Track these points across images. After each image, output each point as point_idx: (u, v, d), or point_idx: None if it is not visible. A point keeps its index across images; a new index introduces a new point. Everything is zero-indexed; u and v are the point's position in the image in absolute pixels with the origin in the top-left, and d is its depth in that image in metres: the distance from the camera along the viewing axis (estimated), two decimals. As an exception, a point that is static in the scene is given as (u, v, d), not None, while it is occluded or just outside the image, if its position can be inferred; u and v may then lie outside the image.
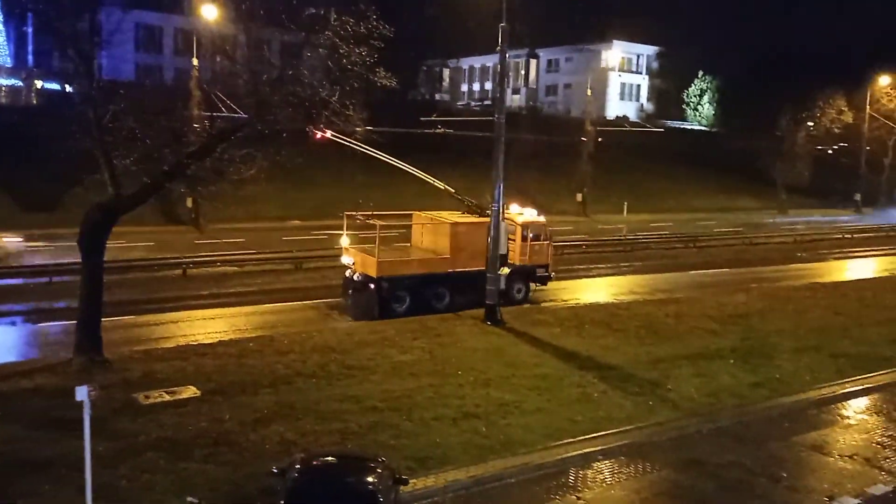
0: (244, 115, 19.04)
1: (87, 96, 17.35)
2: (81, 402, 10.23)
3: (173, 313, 23.60)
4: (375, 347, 19.13)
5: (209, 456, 12.94)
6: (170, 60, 68.40)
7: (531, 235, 26.43)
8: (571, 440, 14.56)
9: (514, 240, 26.22)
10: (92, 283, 17.38)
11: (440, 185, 26.15)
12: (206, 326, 22.29)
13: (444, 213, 26.33)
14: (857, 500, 13.08)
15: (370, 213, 25.53)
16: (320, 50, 18.96)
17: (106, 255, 17.86)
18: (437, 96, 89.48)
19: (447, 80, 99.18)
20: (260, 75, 18.23)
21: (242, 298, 25.76)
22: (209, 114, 21.61)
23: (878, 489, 13.53)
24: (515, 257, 26.18)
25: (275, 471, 9.88)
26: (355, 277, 24.25)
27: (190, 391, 15.74)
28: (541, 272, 26.85)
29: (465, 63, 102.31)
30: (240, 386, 16.19)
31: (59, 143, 17.99)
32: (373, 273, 23.45)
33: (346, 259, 24.99)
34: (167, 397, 15.37)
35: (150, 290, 26.07)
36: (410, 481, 11.30)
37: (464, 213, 26.46)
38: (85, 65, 17.05)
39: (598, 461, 14.10)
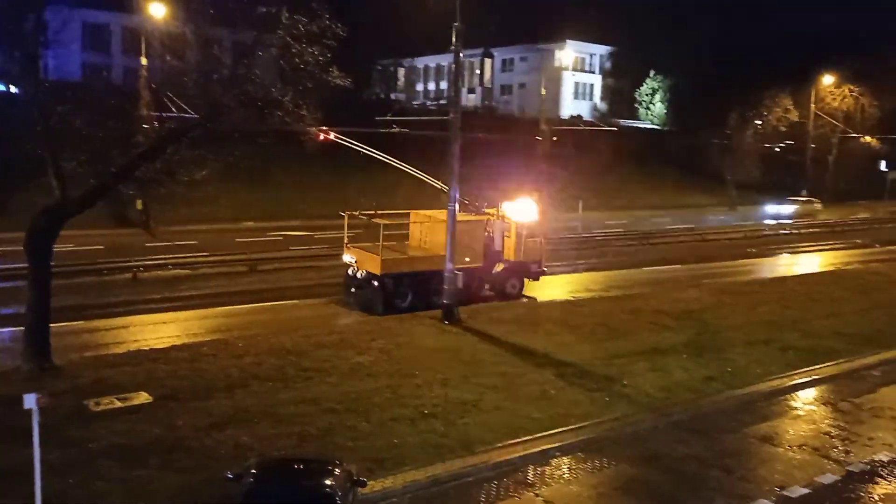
0: (195, 116, 18.72)
1: (32, 97, 16.89)
2: (30, 410, 9.97)
3: (124, 318, 23.11)
4: (332, 349, 18.98)
5: (163, 462, 12.72)
6: (118, 60, 67.09)
7: (524, 233, 27.06)
8: (530, 437, 14.63)
9: (509, 237, 26.89)
10: (39, 289, 16.93)
11: (437, 184, 26.28)
12: (157, 331, 21.88)
13: (439, 212, 26.44)
14: (807, 490, 13.40)
15: (372, 212, 25.85)
16: (272, 49, 18.74)
17: (53, 259, 17.41)
18: (393, 95, 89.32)
19: (402, 79, 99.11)
20: (211, 75, 17.95)
21: (195, 302, 25.37)
22: (159, 114, 21.21)
23: (827, 478, 13.88)
24: (510, 254, 26.87)
25: (230, 476, 9.74)
26: (358, 275, 24.81)
27: (142, 397, 15.43)
28: (534, 268, 27.51)
29: (420, 62, 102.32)
30: (193, 391, 15.93)
31: (5, 146, 17.51)
32: (377, 270, 24.05)
33: (346, 258, 25.55)
34: (119, 404, 15.05)
35: (99, 295, 25.51)
36: (368, 483, 11.27)
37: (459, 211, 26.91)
38: (30, 65, 16.60)
39: (557, 458, 14.20)
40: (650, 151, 73.68)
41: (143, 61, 38.68)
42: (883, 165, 75.08)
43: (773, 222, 55.04)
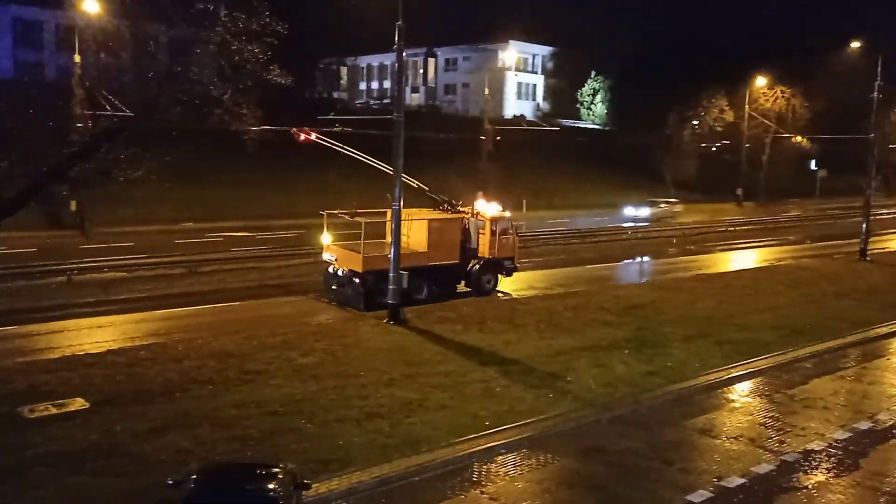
0: (130, 114, 18.28)
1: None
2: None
3: (58, 322, 22.43)
4: (276, 351, 18.75)
5: (101, 469, 12.39)
6: (51, 57, 64.94)
7: (499, 230, 27.75)
8: (475, 435, 14.69)
9: (483, 234, 27.58)
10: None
11: (414, 183, 26.69)
12: (93, 335, 21.28)
13: (416, 211, 27.39)
14: (743, 480, 13.78)
15: (353, 211, 26.25)
16: (210, 46, 18.42)
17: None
18: (336, 94, 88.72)
19: (345, 78, 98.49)
20: (146, 72, 17.56)
21: (133, 305, 24.75)
22: (93, 112, 20.62)
23: (763, 468, 14.30)
24: (485, 250, 27.54)
25: (171, 482, 9.55)
26: (339, 273, 25.20)
27: (78, 403, 15.01)
28: (508, 264, 28.30)
29: (363, 61, 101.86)
30: (132, 396, 15.55)
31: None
32: (358, 268, 24.56)
33: (326, 256, 26.02)
34: (54, 410, 14.62)
35: (32, 299, 24.69)
36: (313, 485, 11.18)
37: (436, 210, 27.92)
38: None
39: (502, 455, 14.30)
40: (592, 151, 74.82)
41: (77, 58, 37.50)
42: (813, 164, 77.69)
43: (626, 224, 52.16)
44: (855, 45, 58.26)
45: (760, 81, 70.71)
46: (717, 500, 13.05)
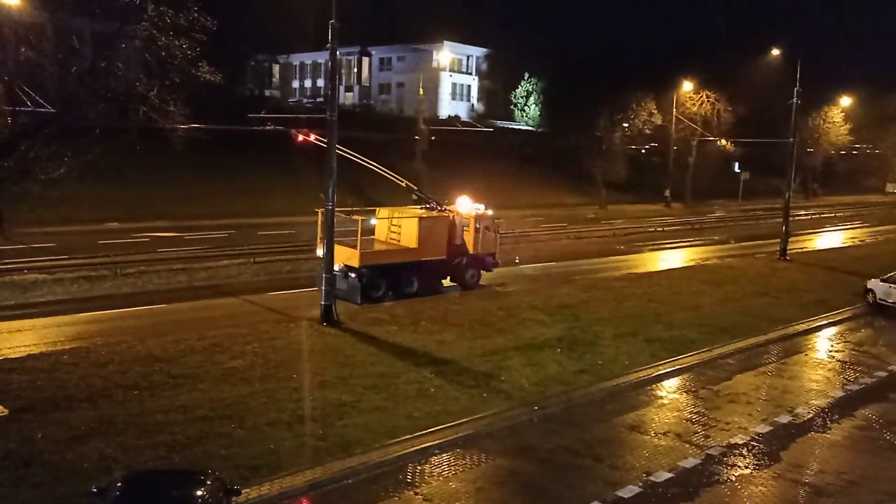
0: (51, 110, 17.63)
1: None
2: None
3: (-26, 327, 21.43)
4: (204, 354, 18.32)
5: (20, 478, 11.94)
6: (-34, 49, 61.94)
7: (482, 227, 28.87)
8: (409, 436, 14.70)
9: (468, 231, 28.62)
10: None
11: (403, 182, 28.25)
12: (11, 340, 20.38)
13: (405, 209, 28.71)
14: (671, 474, 14.15)
15: (350, 209, 26.94)
16: (136, 41, 17.93)
17: None
18: (267, 92, 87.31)
19: (277, 75, 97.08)
20: (68, 67, 16.97)
21: (54, 308, 23.75)
22: (12, 108, 19.76)
23: (689, 462, 14.71)
24: (469, 247, 28.55)
25: (94, 490, 9.33)
26: (336, 268, 25.18)
27: (-5, 410, 14.39)
28: (490, 260, 29.45)
29: (296, 59, 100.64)
30: (53, 402, 14.99)
31: None
32: (355, 263, 25.32)
33: (320, 252, 25.64)
34: (-32, 419, 13.97)
35: (-55, 303, 23.53)
36: (243, 491, 10.99)
37: (422, 208, 28.82)
38: None
39: (436, 455, 14.34)
40: (525, 152, 75.57)
41: (-7, 51, 35.94)
42: (736, 167, 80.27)
43: None
44: (775, 52, 60.46)
45: (687, 86, 72.62)
46: (645, 494, 13.38)
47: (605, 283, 31.01)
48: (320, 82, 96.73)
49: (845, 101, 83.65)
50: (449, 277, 28.69)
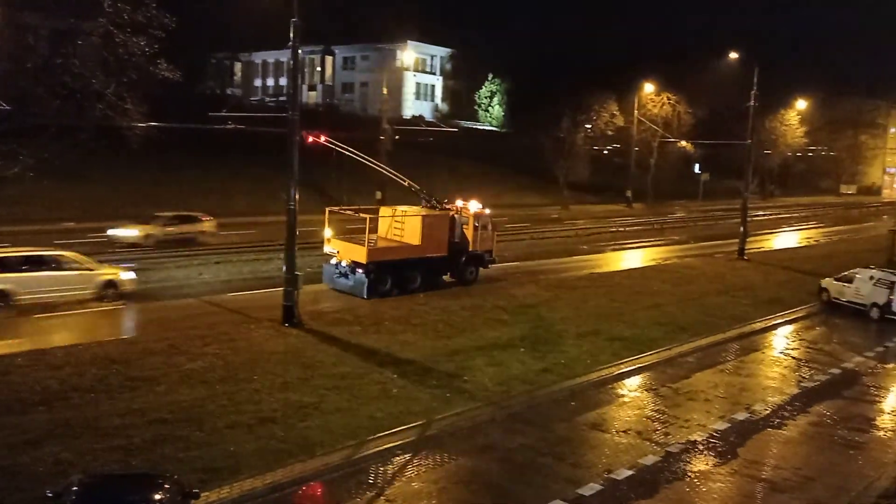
0: (6, 108, 17.23)
1: None
2: None
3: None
4: (162, 356, 18.02)
5: (-31, 487, 11.60)
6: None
7: (480, 225, 29.94)
8: (371, 437, 14.64)
9: (466, 229, 29.65)
10: None
11: (405, 182, 29.36)
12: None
13: (407, 208, 29.54)
14: (631, 471, 14.30)
15: (357, 207, 28.54)
16: (93, 38, 17.62)
17: None
18: (229, 91, 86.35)
19: (238, 74, 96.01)
20: (23, 63, 16.59)
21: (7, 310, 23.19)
22: (-37, 105, 19.33)
23: (649, 459, 14.89)
24: (467, 244, 29.63)
25: (49, 495, 9.15)
26: (343, 264, 26.81)
27: (-56, 416, 13.99)
28: (487, 257, 30.57)
29: (258, 57, 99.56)
30: (6, 405, 14.62)
31: None
32: (363, 260, 26.13)
33: (328, 249, 27.63)
34: (-85, 425, 13.56)
35: None
36: (202, 494, 10.83)
37: (424, 207, 29.72)
38: None
39: (398, 456, 14.30)
40: (489, 152, 75.81)
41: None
42: (696, 168, 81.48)
43: None
44: (733, 55, 61.46)
45: (648, 88, 73.56)
46: (606, 492, 13.50)
47: (569, 282, 31.24)
48: (283, 81, 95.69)
49: (801, 104, 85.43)
50: (449, 273, 29.71)
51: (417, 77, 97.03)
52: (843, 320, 28.40)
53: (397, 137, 56.66)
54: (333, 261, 27.36)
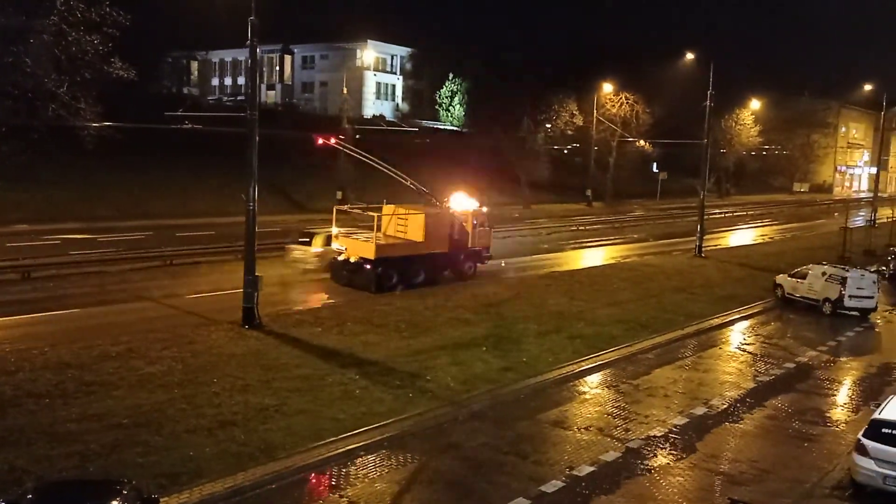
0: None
1: None
2: None
3: None
4: (119, 360, 17.70)
5: (-82, 498, 11.26)
6: None
7: (478, 223, 31.41)
8: (334, 439, 14.56)
9: (465, 226, 30.93)
10: None
11: (408, 182, 30.69)
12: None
13: (410, 206, 30.83)
14: (593, 468, 14.45)
15: (364, 206, 29.97)
16: (45, 36, 17.23)
17: None
18: (185, 90, 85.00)
19: (195, 73, 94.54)
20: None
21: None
22: None
23: (610, 455, 15.05)
24: (467, 241, 31.03)
25: (3, 502, 8.95)
26: (351, 260, 28.01)
27: None
28: (484, 253, 32.15)
29: (216, 56, 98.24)
30: (-43, 413, 14.25)
31: None
32: (371, 256, 27.42)
33: (336, 246, 28.81)
34: None
35: None
36: (161, 500, 10.69)
37: (424, 205, 31.00)
38: None
39: (361, 457, 14.25)
40: (451, 152, 75.82)
41: None
42: (655, 167, 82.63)
43: None
44: (689, 56, 62.41)
45: (607, 88, 74.31)
46: (568, 488, 13.61)
47: (530, 281, 31.45)
48: (241, 80, 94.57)
49: (755, 104, 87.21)
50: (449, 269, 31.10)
51: (378, 76, 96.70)
52: (797, 315, 29.05)
53: (358, 137, 56.33)
54: (341, 257, 28.51)
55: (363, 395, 16.87)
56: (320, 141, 28.88)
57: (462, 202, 31.45)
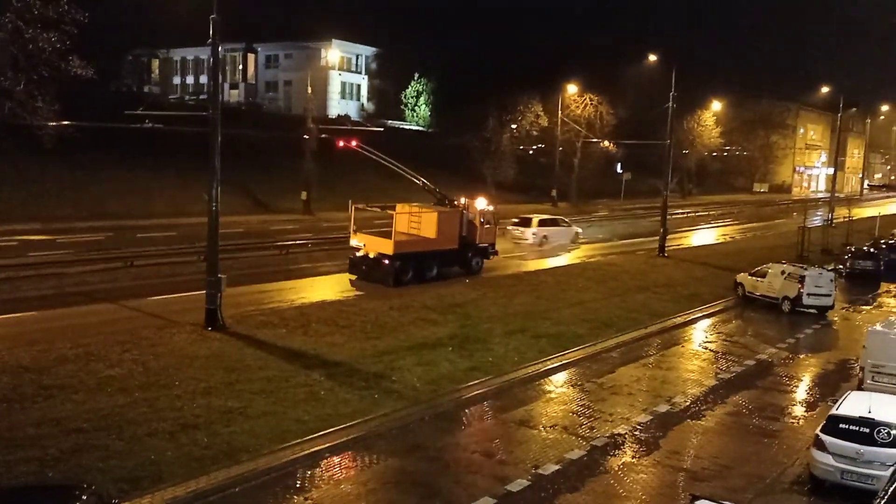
0: None
1: None
2: None
3: None
4: (78, 363, 17.35)
5: None
6: None
7: (484, 221, 33.02)
8: (298, 441, 14.47)
9: (473, 224, 32.66)
10: None
11: (419, 181, 33.07)
12: None
13: (423, 205, 32.90)
14: (558, 466, 14.54)
15: (383, 204, 31.92)
16: (1, 34, 16.85)
17: None
18: (146, 88, 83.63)
19: (156, 71, 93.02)
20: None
21: None
22: None
23: (575, 454, 15.16)
24: (475, 238, 32.77)
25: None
26: (370, 256, 29.62)
27: None
28: (490, 249, 33.83)
29: (177, 54, 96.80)
30: None
31: None
32: (389, 252, 29.02)
33: (354, 242, 30.43)
34: None
35: None
36: (122, 504, 10.51)
37: (436, 204, 32.94)
38: None
39: (326, 458, 14.18)
40: (416, 152, 75.68)
41: None
42: (619, 168, 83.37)
43: None
44: (652, 57, 63.21)
45: (572, 89, 74.79)
46: (534, 487, 13.68)
47: (495, 281, 31.54)
48: (203, 79, 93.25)
49: (716, 105, 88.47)
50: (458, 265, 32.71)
51: (343, 76, 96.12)
52: (758, 313, 29.56)
53: (323, 136, 55.96)
54: (359, 253, 30.04)
55: (328, 396, 16.77)
56: (341, 144, 31.24)
57: (469, 201, 33.44)
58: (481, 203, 33.74)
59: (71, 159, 41.69)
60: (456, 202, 33.07)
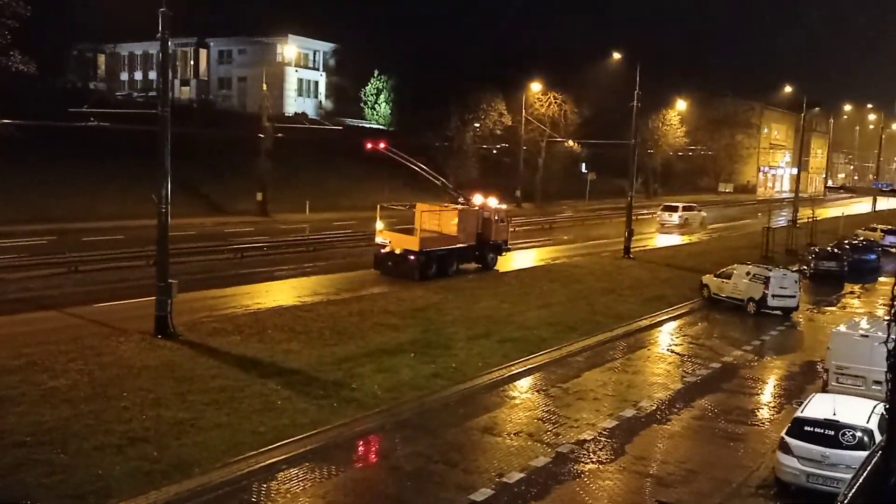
0: None
1: None
2: None
3: None
4: (20, 374, 16.51)
5: None
6: None
7: (498, 219, 35.29)
8: (254, 453, 13.91)
9: (488, 222, 34.83)
10: None
11: (438, 181, 36.08)
12: None
13: (443, 205, 35.12)
14: (522, 474, 14.16)
15: (408, 203, 34.76)
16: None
17: None
18: (92, 85, 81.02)
19: (103, 67, 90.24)
20: None
21: None
22: None
23: (540, 461, 14.80)
24: (489, 235, 34.94)
25: None
26: (396, 252, 31.44)
27: None
28: (504, 246, 36.10)
29: (125, 49, 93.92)
30: None
31: None
32: (415, 248, 31.18)
33: (380, 239, 32.31)
34: None
35: None
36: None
37: (451, 203, 35.09)
38: None
39: (283, 471, 13.67)
40: (377, 151, 75.01)
41: None
42: (583, 168, 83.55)
43: None
44: (616, 56, 63.35)
45: (535, 87, 74.69)
46: (498, 496, 13.31)
47: (458, 284, 31.08)
48: (152, 75, 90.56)
49: (681, 104, 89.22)
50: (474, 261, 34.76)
51: (299, 73, 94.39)
52: (723, 315, 29.41)
53: (279, 135, 54.99)
54: (385, 250, 31.79)
55: (285, 405, 16.16)
56: (369, 146, 33.15)
57: (485, 200, 35.42)
58: (494, 202, 35.93)
59: (11, 159, 40.04)
60: (471, 201, 35.10)
